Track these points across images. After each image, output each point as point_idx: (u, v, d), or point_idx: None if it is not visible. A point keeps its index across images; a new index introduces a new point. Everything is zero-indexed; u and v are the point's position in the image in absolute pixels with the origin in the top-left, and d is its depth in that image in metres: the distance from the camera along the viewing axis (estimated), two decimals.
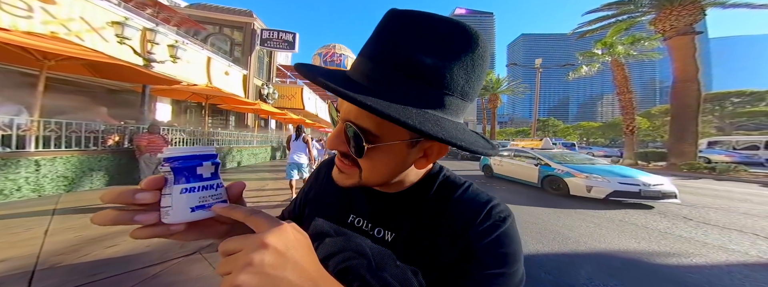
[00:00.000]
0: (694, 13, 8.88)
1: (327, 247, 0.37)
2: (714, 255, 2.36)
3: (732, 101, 26.89)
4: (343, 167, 0.32)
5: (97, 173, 3.56)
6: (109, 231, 2.29)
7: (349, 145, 0.29)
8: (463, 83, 0.26)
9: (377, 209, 0.37)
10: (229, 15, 10.48)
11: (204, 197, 0.25)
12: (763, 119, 24.81)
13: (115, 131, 3.88)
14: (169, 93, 6.03)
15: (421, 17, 0.26)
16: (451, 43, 0.25)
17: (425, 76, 0.25)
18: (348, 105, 0.29)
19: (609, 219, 3.42)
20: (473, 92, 0.29)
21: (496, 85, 24.18)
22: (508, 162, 6.25)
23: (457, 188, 0.36)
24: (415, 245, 0.33)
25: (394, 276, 0.32)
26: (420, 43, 0.25)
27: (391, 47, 0.26)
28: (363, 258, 0.34)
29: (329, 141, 0.31)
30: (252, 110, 8.22)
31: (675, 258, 2.31)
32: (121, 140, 3.87)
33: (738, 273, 2.04)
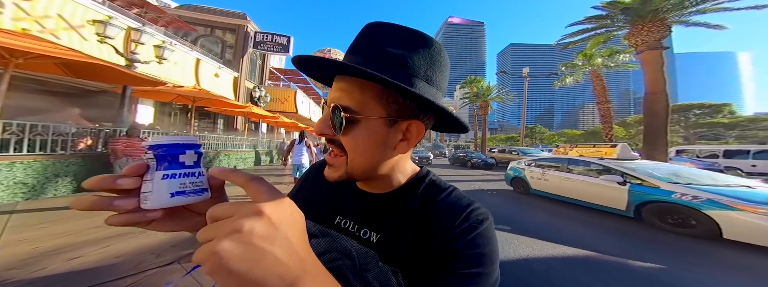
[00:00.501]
0: (662, 30, 9.70)
1: (312, 248, 0.36)
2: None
3: (694, 112, 29.43)
4: (331, 160, 0.35)
5: (63, 179, 3.27)
6: (73, 241, 2.08)
7: (333, 127, 0.32)
8: (425, 69, 0.33)
9: (364, 211, 0.38)
10: (221, 17, 10.34)
11: (185, 184, 0.26)
12: (720, 129, 27.46)
13: (89, 134, 3.60)
14: (153, 95, 5.77)
15: (391, 25, 0.34)
16: (413, 41, 0.33)
17: (396, 61, 0.32)
18: (333, 92, 0.34)
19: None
20: (437, 79, 0.34)
21: (487, 92, 24.91)
22: (558, 176, 4.46)
23: (441, 191, 0.37)
24: (398, 246, 0.34)
25: (375, 277, 0.32)
26: (390, 41, 0.33)
27: (371, 44, 0.33)
28: (348, 259, 0.35)
29: (316, 127, 0.34)
30: (242, 112, 8.00)
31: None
32: (94, 144, 3.60)
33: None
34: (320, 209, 0.41)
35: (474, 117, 27.49)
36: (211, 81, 8.39)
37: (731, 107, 29.35)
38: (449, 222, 0.33)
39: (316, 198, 0.43)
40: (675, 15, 9.49)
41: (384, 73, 0.28)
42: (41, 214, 2.68)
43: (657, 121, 9.63)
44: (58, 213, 2.70)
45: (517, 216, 3.74)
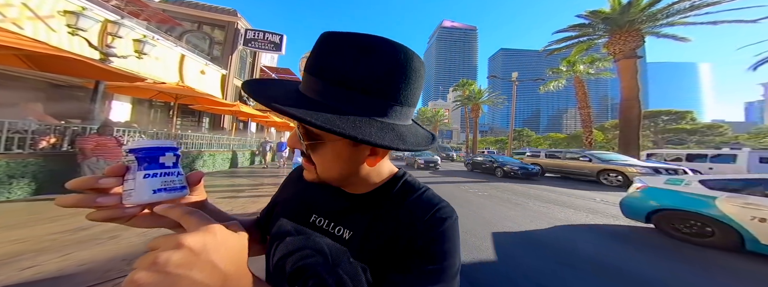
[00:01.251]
0: (637, 39, 10.34)
1: (287, 246, 0.39)
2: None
3: (663, 118, 31.85)
4: (305, 165, 0.37)
5: (20, 180, 2.96)
6: (28, 248, 1.90)
7: (305, 140, 0.33)
8: (394, 90, 0.31)
9: (340, 209, 0.39)
10: (209, 12, 10.00)
11: (166, 182, 0.28)
12: (684, 134, 29.78)
13: (53, 131, 3.29)
14: (130, 91, 5.46)
15: (349, 38, 0.30)
16: (375, 56, 0.29)
17: (356, 86, 0.30)
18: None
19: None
20: (409, 94, 0.32)
21: (478, 95, 25.46)
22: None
23: (414, 191, 0.39)
24: (369, 242, 0.35)
25: (346, 273, 0.34)
26: (350, 59, 0.29)
27: (328, 66, 0.30)
28: (320, 256, 0.36)
29: (288, 140, 0.37)
30: (230, 111, 7.73)
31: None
32: (58, 142, 3.32)
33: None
34: (297, 209, 0.43)
35: (466, 119, 28.01)
36: (196, 78, 8.07)
37: (693, 114, 32.17)
38: (417, 220, 0.35)
39: (295, 198, 0.45)
40: (648, 26, 10.17)
41: (343, 103, 0.29)
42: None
43: (631, 126, 10.24)
44: (13, 218, 2.46)
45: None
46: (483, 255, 2.34)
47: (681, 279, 2.02)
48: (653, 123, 31.54)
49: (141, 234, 2.24)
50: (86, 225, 2.35)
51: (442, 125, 45.45)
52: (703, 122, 33.04)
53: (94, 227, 2.31)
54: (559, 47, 12.91)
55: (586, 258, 2.34)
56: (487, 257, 2.33)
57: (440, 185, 6.66)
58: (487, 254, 2.38)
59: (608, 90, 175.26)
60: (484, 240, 2.70)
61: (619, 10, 10.25)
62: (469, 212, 3.82)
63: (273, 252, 0.40)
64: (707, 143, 28.66)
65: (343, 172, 0.35)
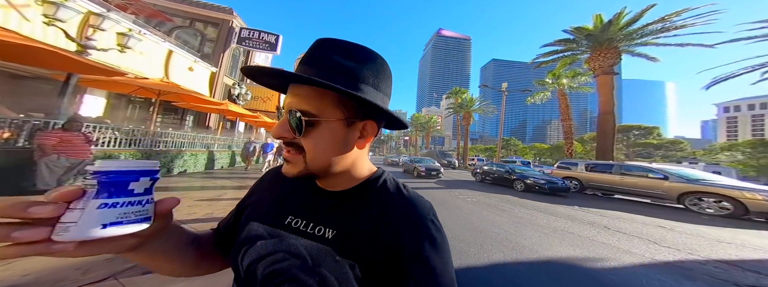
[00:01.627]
0: (614, 56, 11.01)
1: (258, 250, 0.37)
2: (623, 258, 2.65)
3: (634, 133, 34.16)
4: (288, 157, 0.36)
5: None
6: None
7: (293, 130, 0.35)
8: (372, 78, 0.37)
9: (321, 209, 0.39)
10: (204, 10, 9.86)
11: (125, 214, 0.24)
12: (651, 149, 32.30)
13: (7, 124, 3.02)
14: (107, 85, 5.22)
15: (341, 41, 0.37)
16: (359, 55, 0.37)
17: (347, 72, 0.35)
18: (290, 98, 0.36)
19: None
20: (382, 86, 0.38)
21: (470, 103, 26.08)
22: None
23: (395, 188, 0.41)
24: (356, 239, 0.36)
25: (331, 271, 0.34)
26: (340, 54, 0.36)
27: (324, 57, 0.36)
28: (296, 258, 0.35)
29: (274, 130, 0.36)
30: (217, 110, 7.51)
31: (598, 262, 2.57)
32: (13, 137, 3.08)
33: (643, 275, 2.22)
34: (271, 211, 0.42)
35: (458, 127, 28.50)
36: (183, 75, 7.84)
37: (659, 130, 34.90)
38: (411, 218, 0.37)
39: (268, 201, 0.44)
40: (625, 44, 10.91)
41: (337, 82, 0.32)
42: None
43: (606, 139, 10.81)
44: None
45: None
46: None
47: None
48: (626, 137, 33.75)
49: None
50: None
51: (434, 132, 46.04)
52: (668, 138, 35.64)
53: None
54: (546, 60, 13.54)
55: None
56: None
57: (454, 200, 5.60)
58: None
59: (588, 104, 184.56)
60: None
61: (600, 27, 10.91)
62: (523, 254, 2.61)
63: (241, 257, 0.37)
64: (670, 158, 31.44)
65: (334, 156, 0.36)
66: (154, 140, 5.41)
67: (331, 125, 0.35)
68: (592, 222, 4.30)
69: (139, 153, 4.90)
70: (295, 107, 0.34)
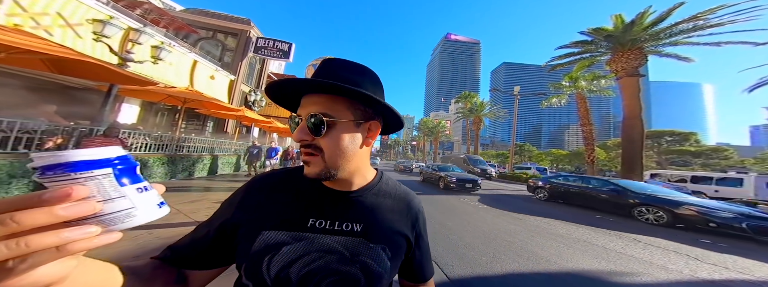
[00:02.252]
0: (639, 58, 10.27)
1: (286, 255, 0.39)
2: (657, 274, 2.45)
3: (666, 139, 31.04)
4: (309, 159, 0.40)
5: (20, 180, 2.95)
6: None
7: (312, 132, 0.40)
8: (372, 88, 0.44)
9: (341, 209, 0.44)
10: (225, 21, 10.57)
11: (157, 195, 0.24)
12: (688, 156, 29.02)
13: (61, 132, 3.41)
14: (141, 94, 5.68)
15: (344, 60, 0.45)
16: (358, 70, 0.45)
17: (352, 83, 0.41)
18: (307, 106, 0.41)
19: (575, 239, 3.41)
20: (379, 93, 0.46)
21: (480, 108, 25.69)
22: None
23: (395, 184, 0.54)
24: (381, 227, 0.45)
25: (369, 257, 0.41)
26: (345, 71, 0.44)
27: (333, 73, 0.43)
28: (332, 254, 0.40)
29: (295, 134, 0.40)
30: (234, 116, 7.91)
31: (628, 276, 2.39)
32: (64, 143, 3.42)
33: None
34: (287, 216, 0.42)
35: (467, 132, 28.04)
36: (205, 83, 8.37)
37: (697, 136, 31.40)
38: (411, 201, 0.52)
39: (277, 208, 0.43)
40: (651, 45, 10.14)
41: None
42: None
43: (633, 146, 9.96)
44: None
45: None
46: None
47: None
48: (656, 143, 30.83)
49: (133, 239, 2.20)
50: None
51: (443, 137, 45.43)
52: (708, 145, 32.12)
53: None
54: (562, 63, 12.90)
55: None
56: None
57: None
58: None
59: (610, 108, 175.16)
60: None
61: (621, 28, 10.25)
62: None
63: (267, 267, 0.37)
64: (712, 166, 28.12)
65: (347, 153, 0.41)
66: (179, 145, 5.77)
67: (344, 125, 0.41)
68: (619, 234, 3.94)
69: (166, 157, 5.24)
70: (314, 111, 0.40)
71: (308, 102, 0.42)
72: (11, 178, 2.93)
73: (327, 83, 0.39)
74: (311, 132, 0.40)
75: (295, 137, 0.40)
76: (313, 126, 0.39)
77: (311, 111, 0.40)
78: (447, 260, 2.52)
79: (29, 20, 3.89)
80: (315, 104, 0.41)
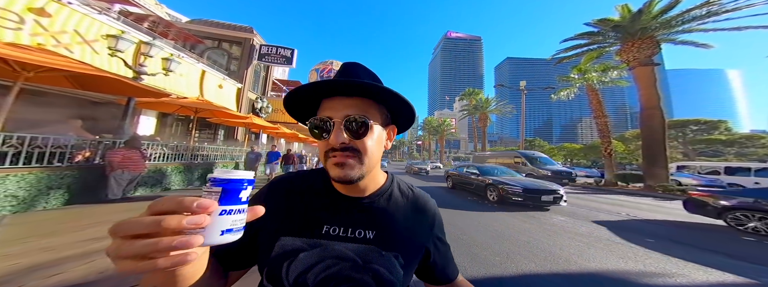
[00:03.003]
0: (652, 46, 9.88)
1: (303, 262, 0.40)
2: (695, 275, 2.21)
3: (691, 128, 29.04)
4: (346, 161, 0.39)
5: (56, 191, 3.20)
6: (55, 256, 1.95)
7: (351, 134, 0.39)
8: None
9: (354, 214, 0.44)
10: (229, 30, 10.79)
11: (234, 221, 0.25)
12: (719, 146, 26.90)
13: (88, 146, 3.58)
14: (156, 106, 5.84)
15: (360, 64, 0.46)
16: (370, 74, 0.46)
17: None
18: (343, 110, 0.41)
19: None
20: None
21: (485, 104, 25.35)
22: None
23: (409, 188, 0.52)
24: (395, 234, 0.44)
25: (381, 265, 0.40)
26: (364, 74, 0.45)
27: (356, 75, 0.44)
28: (345, 261, 0.40)
29: (334, 138, 0.39)
30: (243, 123, 8.03)
31: (659, 278, 2.19)
32: (92, 156, 3.57)
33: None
34: (302, 224, 0.43)
35: (474, 129, 27.71)
36: (214, 92, 8.54)
37: (727, 123, 29.06)
38: (427, 209, 0.51)
39: (293, 214, 0.44)
40: (663, 33, 9.73)
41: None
42: (28, 228, 2.57)
43: (654, 136, 9.52)
44: (46, 227, 2.59)
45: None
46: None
47: None
48: (681, 133, 28.62)
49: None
50: (107, 234, 2.43)
51: (448, 135, 45.01)
52: (742, 133, 29.20)
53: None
54: (568, 56, 12.60)
55: None
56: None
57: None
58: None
59: (625, 99, 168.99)
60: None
61: (629, 18, 9.92)
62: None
63: (286, 272, 0.39)
64: (749, 156, 25.82)
65: (377, 153, 0.42)
66: (193, 153, 5.89)
67: (376, 127, 0.42)
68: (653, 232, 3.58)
69: (182, 166, 5.36)
70: (355, 113, 0.40)
71: (339, 104, 0.41)
72: (49, 189, 3.12)
73: (376, 88, 0.39)
74: (350, 134, 0.39)
75: (333, 140, 0.39)
76: (357, 127, 0.39)
77: (349, 113, 0.40)
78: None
79: (51, 39, 4.06)
80: (350, 107, 0.40)
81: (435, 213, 0.51)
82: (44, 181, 3.07)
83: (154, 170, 4.54)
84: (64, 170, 3.23)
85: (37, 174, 3.02)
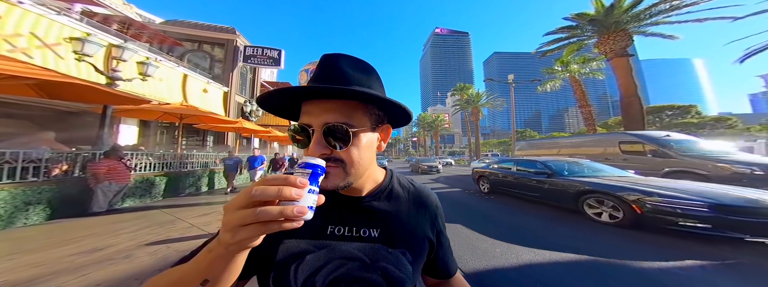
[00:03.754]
0: (625, 39, 10.52)
1: (311, 263, 0.39)
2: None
3: (666, 113, 31.37)
4: (331, 172, 0.36)
5: (36, 207, 2.99)
6: (47, 271, 1.89)
7: (332, 144, 0.36)
8: (378, 87, 0.42)
9: (357, 214, 0.43)
10: (209, 31, 10.26)
11: (314, 201, 0.28)
12: (692, 129, 29.05)
13: (65, 158, 3.32)
14: (137, 113, 5.46)
15: (345, 56, 0.41)
16: (361, 67, 0.41)
17: (364, 84, 0.39)
18: (321, 114, 0.36)
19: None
20: (383, 90, 0.43)
21: (476, 98, 25.71)
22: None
23: (408, 182, 0.51)
24: (400, 231, 0.43)
25: (389, 262, 0.40)
26: (350, 68, 0.39)
27: (339, 73, 0.38)
28: (353, 261, 0.40)
29: (311, 150, 0.36)
30: (233, 128, 7.71)
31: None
32: (70, 169, 3.30)
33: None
34: (306, 226, 0.41)
35: (466, 124, 28.13)
36: (199, 97, 8.13)
37: (697, 108, 31.55)
38: (427, 198, 0.50)
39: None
40: (634, 26, 10.40)
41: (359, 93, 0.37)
42: (10, 245, 2.41)
43: (635, 122, 10.15)
44: (31, 243, 2.44)
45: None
46: None
47: None
48: (658, 118, 30.96)
49: (152, 254, 2.31)
50: (101, 245, 2.38)
51: (443, 130, 45.51)
52: (711, 116, 31.96)
53: (107, 248, 2.36)
54: (551, 49, 13.13)
55: None
56: None
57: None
58: None
59: (607, 88, 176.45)
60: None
61: (603, 12, 10.53)
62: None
63: (294, 275, 0.38)
64: (718, 137, 27.73)
65: (368, 159, 0.40)
66: (182, 162, 5.58)
67: (366, 133, 0.38)
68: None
69: (171, 174, 5.06)
70: (334, 121, 0.35)
71: (317, 109, 0.37)
72: (27, 205, 2.94)
73: (353, 93, 0.35)
74: (331, 144, 0.35)
75: (311, 151, 0.35)
76: (333, 138, 0.35)
77: (328, 120, 0.36)
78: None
79: (4, 43, 3.64)
80: (329, 112, 0.36)
81: (437, 206, 0.51)
82: (20, 197, 2.86)
83: (142, 181, 4.27)
84: (41, 185, 3.00)
85: (11, 191, 2.80)
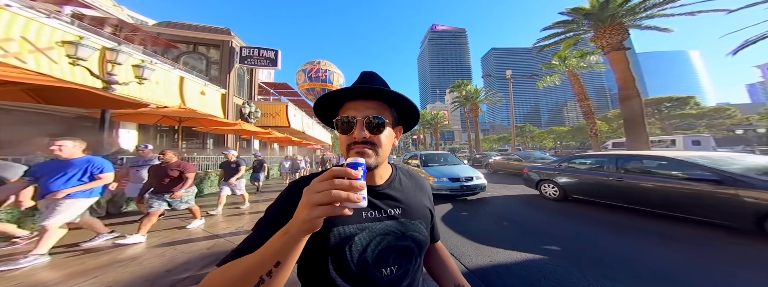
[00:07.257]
0: (621, 32, 10.57)
1: (360, 243, 0.49)
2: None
3: (665, 105, 31.17)
4: (366, 151, 0.49)
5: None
6: (57, 274, 1.94)
7: (370, 130, 0.50)
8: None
9: (381, 200, 0.55)
10: (203, 33, 10.09)
11: (364, 192, 0.36)
12: (691, 120, 29.19)
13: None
14: (135, 117, 5.37)
15: (375, 73, 0.58)
16: (382, 81, 0.57)
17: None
18: (364, 110, 0.51)
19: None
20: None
21: (475, 95, 25.63)
22: None
23: (405, 171, 0.68)
24: (414, 207, 0.58)
25: (414, 231, 0.55)
26: (381, 82, 0.56)
27: (374, 82, 0.55)
28: (389, 235, 0.52)
29: (357, 133, 0.49)
30: (232, 130, 7.62)
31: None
32: None
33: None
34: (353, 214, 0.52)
35: (466, 120, 28.05)
36: (197, 99, 8.02)
37: (695, 99, 31.43)
38: (424, 185, 0.68)
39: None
40: (629, 19, 10.40)
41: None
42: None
43: (634, 115, 10.18)
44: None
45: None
46: None
47: None
48: (657, 110, 30.82)
49: (160, 256, 2.33)
50: (111, 250, 2.45)
51: (442, 127, 45.41)
52: (709, 107, 31.91)
53: (116, 251, 2.42)
54: (548, 44, 13.06)
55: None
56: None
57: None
58: None
59: (605, 82, 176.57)
60: None
61: (598, 6, 10.54)
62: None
63: (349, 255, 0.48)
64: (718, 127, 27.84)
65: (388, 147, 0.53)
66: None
67: (389, 128, 0.53)
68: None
69: None
70: (372, 114, 0.50)
71: (361, 106, 0.52)
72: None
73: (391, 94, 0.52)
74: (370, 131, 0.49)
75: (356, 134, 0.49)
76: (370, 126, 0.49)
77: (369, 114, 0.50)
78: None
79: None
80: (370, 108, 0.51)
81: (430, 186, 0.70)
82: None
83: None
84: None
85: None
